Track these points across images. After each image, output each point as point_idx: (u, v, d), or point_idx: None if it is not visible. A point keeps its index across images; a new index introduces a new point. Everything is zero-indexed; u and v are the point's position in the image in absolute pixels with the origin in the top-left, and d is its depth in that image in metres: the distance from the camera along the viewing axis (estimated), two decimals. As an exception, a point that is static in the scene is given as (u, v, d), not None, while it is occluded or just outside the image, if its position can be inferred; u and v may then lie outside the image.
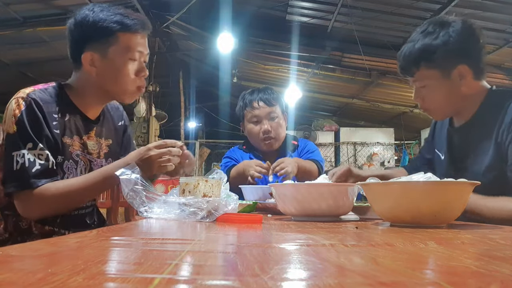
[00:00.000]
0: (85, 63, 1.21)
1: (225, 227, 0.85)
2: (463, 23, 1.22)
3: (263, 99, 1.95)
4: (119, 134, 1.46)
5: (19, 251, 0.46)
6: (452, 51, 1.19)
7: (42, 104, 1.16)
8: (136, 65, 1.26)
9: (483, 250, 0.53)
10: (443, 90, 1.24)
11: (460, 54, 1.20)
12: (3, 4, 4.75)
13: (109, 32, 1.19)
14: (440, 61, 1.21)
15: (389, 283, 0.32)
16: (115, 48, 1.21)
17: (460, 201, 0.86)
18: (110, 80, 1.24)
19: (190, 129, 10.07)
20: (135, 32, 1.23)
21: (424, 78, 1.25)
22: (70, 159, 1.24)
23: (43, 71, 6.73)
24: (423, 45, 1.22)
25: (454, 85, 1.22)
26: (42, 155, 1.13)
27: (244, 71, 7.35)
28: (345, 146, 8.00)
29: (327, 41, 5.78)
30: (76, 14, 1.21)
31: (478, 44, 1.22)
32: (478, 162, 1.20)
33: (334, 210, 1.04)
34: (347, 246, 0.55)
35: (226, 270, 0.39)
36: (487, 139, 1.19)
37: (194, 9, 5.10)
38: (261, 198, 1.47)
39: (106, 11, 1.20)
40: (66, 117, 1.23)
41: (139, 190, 1.03)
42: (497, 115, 1.18)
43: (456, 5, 4.34)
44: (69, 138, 1.23)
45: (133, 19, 1.22)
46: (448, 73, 1.22)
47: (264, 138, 1.95)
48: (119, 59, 1.22)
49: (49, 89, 1.23)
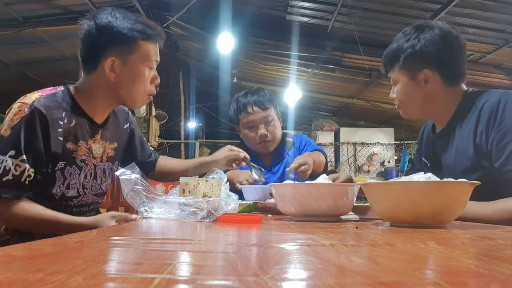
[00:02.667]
0: (106, 68, 1.22)
1: (225, 227, 0.85)
2: (440, 30, 1.24)
3: (257, 103, 1.92)
4: (124, 137, 1.47)
5: (19, 251, 0.46)
6: (418, 55, 1.24)
7: (46, 113, 1.16)
8: (152, 72, 1.29)
9: (483, 250, 0.53)
10: (409, 91, 1.30)
11: (426, 60, 1.24)
12: (3, 4, 4.75)
13: (132, 40, 1.22)
14: (407, 64, 1.27)
15: (389, 283, 0.32)
16: (136, 55, 1.24)
17: (460, 201, 0.86)
18: (127, 86, 1.26)
19: (190, 129, 10.07)
20: (154, 42, 1.27)
21: (395, 77, 1.32)
22: (73, 165, 1.24)
23: (43, 71, 6.74)
24: (396, 46, 1.29)
25: (419, 88, 1.27)
26: (19, 167, 1.12)
27: (244, 71, 7.35)
28: (345, 146, 8.00)
29: (327, 41, 5.78)
30: (96, 17, 1.22)
31: (452, 52, 1.24)
32: (460, 165, 1.20)
33: (334, 210, 1.04)
34: (347, 246, 0.55)
35: (226, 270, 0.39)
36: (466, 142, 1.21)
37: (194, 9, 5.10)
38: (261, 198, 1.47)
39: (127, 19, 1.22)
40: (72, 122, 1.23)
41: (139, 190, 1.03)
42: (473, 116, 1.20)
43: (456, 5, 4.33)
44: (73, 143, 1.24)
45: (153, 29, 1.26)
46: (414, 76, 1.27)
47: (260, 142, 1.94)
48: (138, 66, 1.25)
49: (58, 94, 1.24)
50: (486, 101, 1.18)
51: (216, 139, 9.28)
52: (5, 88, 6.80)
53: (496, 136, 1.12)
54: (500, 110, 1.13)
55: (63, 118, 1.20)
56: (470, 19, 4.64)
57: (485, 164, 1.15)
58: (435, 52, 1.22)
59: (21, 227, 1.20)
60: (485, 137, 1.15)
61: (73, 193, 1.26)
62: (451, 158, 1.26)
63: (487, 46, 5.25)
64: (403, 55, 1.26)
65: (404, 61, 1.27)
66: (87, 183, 1.29)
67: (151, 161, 1.59)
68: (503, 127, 1.11)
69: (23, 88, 1.21)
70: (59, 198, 1.23)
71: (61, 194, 1.23)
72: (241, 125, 1.98)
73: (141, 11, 5.12)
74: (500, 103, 1.14)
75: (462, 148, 1.21)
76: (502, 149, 1.10)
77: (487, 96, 1.20)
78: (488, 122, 1.14)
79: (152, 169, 1.60)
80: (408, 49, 1.25)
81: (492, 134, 1.13)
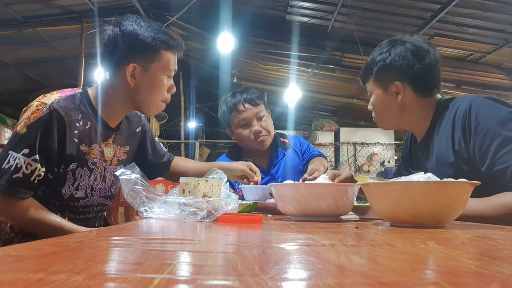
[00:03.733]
0: (128, 73, 1.24)
1: (225, 227, 0.85)
2: (411, 45, 1.29)
3: (248, 100, 1.91)
4: (136, 140, 1.48)
5: (19, 251, 0.46)
6: (388, 68, 1.29)
7: (65, 114, 1.18)
8: (169, 81, 1.32)
9: (483, 250, 0.53)
10: (383, 103, 1.35)
11: (395, 72, 1.29)
12: (3, 4, 4.76)
13: (155, 49, 1.25)
14: (379, 76, 1.32)
15: (389, 283, 0.32)
16: (157, 64, 1.26)
17: (460, 201, 0.86)
18: (145, 92, 1.28)
19: (190, 129, 10.08)
20: (175, 52, 1.30)
21: (370, 89, 1.38)
22: (84, 167, 1.26)
23: (43, 71, 6.74)
24: (370, 59, 1.35)
25: (392, 99, 1.32)
26: (31, 165, 1.13)
27: (244, 71, 7.36)
28: (345, 146, 8.00)
29: (327, 41, 5.79)
30: (120, 24, 1.23)
31: (422, 66, 1.27)
32: (443, 173, 1.20)
33: (334, 210, 1.04)
34: (347, 246, 0.55)
35: (226, 270, 0.39)
36: (445, 149, 1.22)
37: (194, 9, 5.10)
38: (261, 198, 1.47)
39: (152, 28, 1.25)
40: (87, 125, 1.25)
41: (139, 190, 1.03)
42: (448, 124, 1.22)
43: (456, 5, 4.34)
44: (87, 146, 1.25)
45: (175, 40, 1.29)
46: (386, 88, 1.32)
47: (256, 138, 1.92)
48: (158, 74, 1.28)
49: (76, 96, 1.25)
50: (457, 108, 1.20)
51: (216, 139, 9.29)
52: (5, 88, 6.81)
53: (476, 141, 1.13)
54: (473, 115, 1.15)
55: (79, 120, 1.22)
56: (470, 19, 4.65)
57: (467, 169, 1.16)
58: (405, 66, 1.27)
59: (25, 228, 1.21)
60: (464, 143, 1.17)
61: (81, 194, 1.27)
62: (432, 167, 1.28)
63: (487, 46, 5.26)
64: (375, 68, 1.32)
65: (376, 73, 1.33)
66: (96, 186, 1.30)
67: (164, 162, 1.60)
68: (480, 131, 1.13)
69: (23, 88, 1.21)
70: (67, 198, 1.25)
71: (69, 194, 1.24)
72: (233, 125, 1.96)
73: (141, 11, 5.13)
74: (472, 108, 1.16)
75: (442, 156, 1.24)
76: (485, 153, 1.11)
77: (458, 103, 1.22)
78: (463, 129, 1.17)
79: (166, 169, 1.61)
80: (380, 62, 1.31)
81: (472, 140, 1.14)
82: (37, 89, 7.19)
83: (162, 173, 1.60)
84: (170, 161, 1.62)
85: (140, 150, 1.51)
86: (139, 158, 1.48)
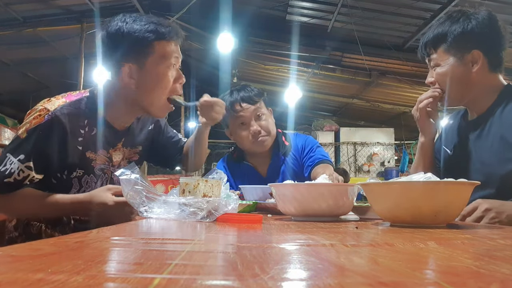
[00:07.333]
0: (125, 75, 1.18)
1: (225, 227, 0.85)
2: (488, 13, 1.26)
3: (245, 98, 1.79)
4: (149, 139, 1.44)
5: (19, 251, 0.46)
6: (469, 35, 1.24)
7: (67, 122, 1.14)
8: (174, 72, 1.23)
9: (483, 250, 0.53)
10: (454, 72, 1.27)
11: (476, 40, 1.24)
12: (3, 4, 4.76)
13: (145, 43, 1.16)
14: (456, 44, 1.26)
15: (389, 283, 0.32)
16: (152, 58, 1.18)
17: (460, 201, 0.86)
18: (149, 90, 1.21)
19: (190, 129, 10.06)
20: (169, 40, 1.20)
21: (438, 59, 1.30)
22: (91, 174, 1.23)
23: (43, 71, 6.74)
24: (441, 30, 1.28)
25: (465, 70, 1.26)
26: (23, 172, 1.12)
27: (244, 71, 7.35)
28: (345, 146, 8.00)
29: (327, 41, 5.78)
30: (108, 26, 1.18)
31: (498, 36, 1.25)
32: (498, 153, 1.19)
33: (334, 210, 1.04)
34: (347, 246, 0.55)
35: (226, 270, 0.39)
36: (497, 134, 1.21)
37: (194, 9, 5.10)
38: (261, 198, 1.47)
39: (139, 21, 1.17)
40: (93, 131, 1.21)
41: (139, 190, 1.03)
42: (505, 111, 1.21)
43: (456, 5, 4.34)
44: (93, 152, 1.22)
45: (166, 27, 1.19)
46: (461, 57, 1.26)
47: (255, 139, 1.79)
48: (157, 68, 1.19)
49: (82, 100, 1.21)
50: None
51: (216, 139, 9.28)
52: (5, 88, 6.80)
53: None
54: None
55: (84, 127, 1.19)
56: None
57: None
58: (486, 34, 1.24)
59: (25, 216, 1.20)
60: None
61: None
62: (487, 145, 1.24)
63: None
64: (452, 35, 1.25)
65: (453, 41, 1.26)
66: None
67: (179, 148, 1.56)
68: None
69: (23, 88, 1.21)
70: None
71: None
72: (231, 126, 1.84)
73: (141, 11, 5.13)
74: None
75: (505, 138, 1.20)
76: None
77: None
78: None
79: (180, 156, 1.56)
80: (458, 30, 1.25)
81: None
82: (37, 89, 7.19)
83: (179, 161, 1.56)
84: (181, 147, 1.57)
85: (155, 145, 1.46)
86: (154, 154, 1.45)
